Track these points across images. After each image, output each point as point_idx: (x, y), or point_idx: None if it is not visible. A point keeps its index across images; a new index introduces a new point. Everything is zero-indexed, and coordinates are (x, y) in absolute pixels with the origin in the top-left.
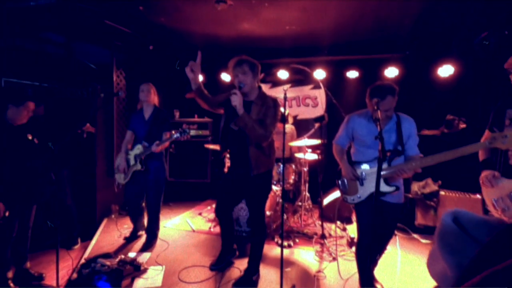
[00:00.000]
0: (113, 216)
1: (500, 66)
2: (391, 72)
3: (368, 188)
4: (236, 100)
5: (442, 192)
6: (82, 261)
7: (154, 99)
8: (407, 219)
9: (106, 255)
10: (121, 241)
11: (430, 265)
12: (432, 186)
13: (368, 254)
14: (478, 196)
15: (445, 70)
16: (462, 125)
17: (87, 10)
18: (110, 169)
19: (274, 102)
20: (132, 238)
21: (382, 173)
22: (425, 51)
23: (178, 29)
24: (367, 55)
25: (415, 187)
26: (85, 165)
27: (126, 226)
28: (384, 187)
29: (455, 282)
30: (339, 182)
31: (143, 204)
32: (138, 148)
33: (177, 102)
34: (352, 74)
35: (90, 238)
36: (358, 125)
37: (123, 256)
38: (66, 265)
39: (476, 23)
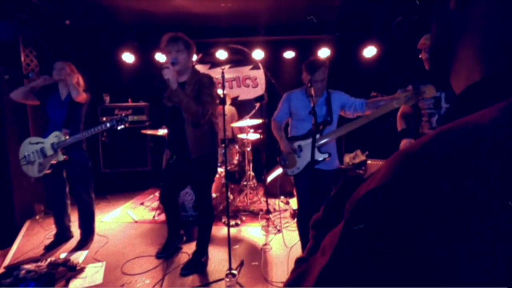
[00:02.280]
0: (37, 217)
1: (414, 46)
2: (324, 52)
3: (305, 159)
4: (169, 73)
5: (369, 161)
6: (1, 270)
7: (72, 78)
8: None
9: (32, 260)
10: (48, 243)
11: None
12: (360, 157)
13: (307, 221)
14: None
15: (369, 51)
16: None
17: None
18: None
19: (209, 79)
20: (60, 240)
21: (316, 143)
22: (352, 33)
23: (101, 2)
24: (302, 35)
25: (347, 158)
26: None
27: (54, 227)
28: (317, 155)
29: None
30: (280, 157)
31: (68, 201)
32: (56, 136)
33: (107, 85)
34: (289, 54)
35: (10, 244)
36: (295, 99)
37: (53, 258)
38: None
39: (393, 8)
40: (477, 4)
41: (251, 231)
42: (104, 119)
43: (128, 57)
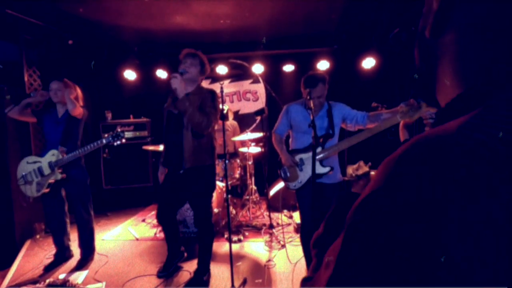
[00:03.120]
0: (38, 236)
1: (412, 57)
2: (323, 65)
3: (307, 172)
4: (176, 82)
5: (372, 172)
6: None
7: (70, 92)
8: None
9: (31, 282)
10: (47, 263)
11: None
12: (364, 168)
13: (311, 236)
14: None
15: (368, 62)
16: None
17: None
18: None
19: (212, 92)
20: (59, 259)
21: (317, 157)
22: (350, 45)
23: (102, 22)
24: (301, 49)
25: (350, 170)
26: None
27: (53, 247)
28: (320, 169)
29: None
30: (281, 171)
31: (67, 220)
32: (54, 154)
33: (109, 103)
34: (288, 67)
35: (10, 265)
36: (295, 112)
37: (51, 280)
38: None
39: (391, 20)
40: (448, 33)
41: (254, 247)
42: (106, 135)
43: (130, 75)
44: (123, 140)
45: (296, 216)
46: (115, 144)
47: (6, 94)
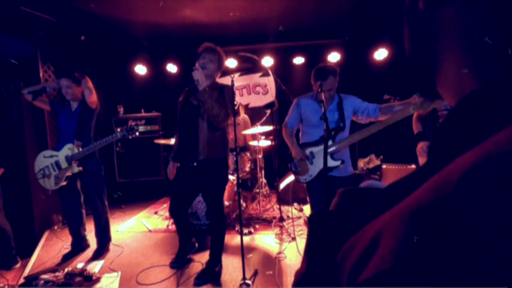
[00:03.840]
0: (55, 227)
1: None
2: (334, 57)
3: (317, 166)
4: (198, 74)
5: (384, 166)
6: (21, 280)
7: (79, 92)
8: None
9: (50, 270)
10: (65, 253)
11: None
12: (375, 161)
13: None
14: (414, 166)
15: (380, 54)
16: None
17: None
18: None
19: (227, 87)
20: (76, 249)
21: (328, 150)
22: (362, 36)
23: (113, 17)
24: (311, 41)
25: (361, 163)
26: (17, 173)
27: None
28: (330, 162)
29: None
30: (291, 164)
31: (83, 211)
32: (70, 148)
33: (120, 97)
34: (299, 60)
35: (30, 255)
36: (305, 105)
37: (70, 269)
38: None
39: (403, 9)
40: (450, 3)
41: (265, 239)
42: (119, 130)
43: (140, 69)
44: (137, 134)
45: (307, 209)
46: (130, 137)
47: (22, 89)
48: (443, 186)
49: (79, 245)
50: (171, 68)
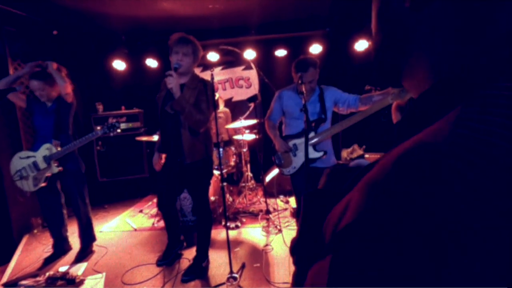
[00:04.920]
0: (35, 231)
1: None
2: (316, 48)
3: (300, 158)
4: (172, 82)
5: (366, 155)
6: None
7: (54, 92)
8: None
9: (31, 275)
10: (46, 256)
11: None
12: (358, 151)
13: None
14: None
15: (361, 45)
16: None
17: None
18: None
19: (206, 84)
20: (58, 252)
21: (310, 142)
22: (343, 27)
23: (87, 11)
24: (293, 33)
25: (344, 153)
26: None
27: (51, 240)
28: (313, 154)
29: None
30: (275, 157)
31: (64, 211)
32: (48, 148)
33: (99, 94)
34: (281, 52)
35: (8, 261)
36: (287, 98)
37: (51, 272)
38: None
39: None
40: (433, 4)
41: (252, 233)
42: (98, 128)
43: (119, 65)
44: (118, 131)
45: (292, 201)
46: (112, 134)
47: None
48: (385, 165)
49: (61, 247)
50: (151, 63)
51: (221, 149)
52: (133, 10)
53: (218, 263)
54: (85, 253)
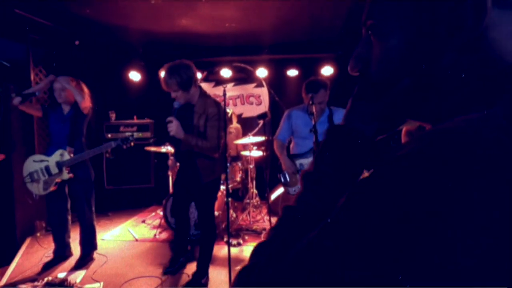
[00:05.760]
0: (38, 234)
1: None
2: (327, 70)
3: None
4: (173, 128)
5: None
6: None
7: (72, 95)
8: None
9: (29, 280)
10: (47, 261)
11: None
12: (365, 174)
13: None
14: None
15: None
16: None
17: None
18: None
19: (216, 108)
20: (59, 257)
21: None
22: (354, 50)
23: (108, 23)
24: (305, 54)
25: None
26: (0, 176)
27: (53, 245)
28: None
29: None
30: (281, 175)
31: (69, 217)
32: (62, 154)
33: (113, 103)
34: (292, 72)
35: (9, 263)
36: (296, 117)
37: (50, 278)
38: None
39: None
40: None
41: None
42: (110, 135)
43: (134, 76)
44: (132, 144)
45: None
46: (124, 147)
47: (12, 92)
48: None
49: (62, 253)
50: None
51: (228, 164)
52: (152, 25)
53: (218, 281)
54: (85, 261)
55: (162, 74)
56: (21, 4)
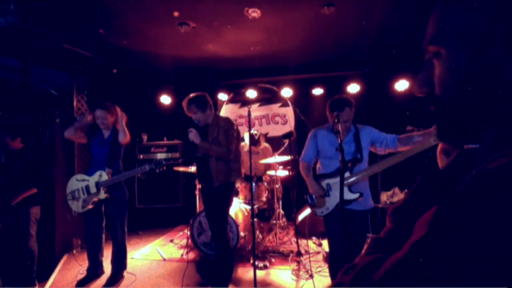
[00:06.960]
0: (74, 251)
1: None
2: (353, 88)
3: (334, 198)
4: (192, 136)
5: None
6: None
7: (111, 121)
8: (379, 228)
9: None
10: (80, 278)
11: None
12: (399, 195)
13: (340, 266)
14: None
15: (401, 85)
16: None
17: (43, 35)
18: None
19: (227, 122)
20: (92, 275)
21: (345, 181)
22: (382, 68)
23: (142, 52)
24: (330, 72)
25: (384, 197)
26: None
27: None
28: (348, 195)
29: None
30: (307, 196)
31: (103, 235)
32: (101, 175)
33: (145, 125)
34: (317, 91)
35: (48, 278)
36: (321, 136)
37: None
38: None
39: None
40: None
41: (281, 275)
42: (141, 156)
43: (165, 99)
44: (164, 168)
45: (325, 244)
46: (157, 171)
47: (56, 117)
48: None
49: (94, 271)
50: None
51: (253, 184)
52: (182, 51)
53: None
54: (115, 279)
55: (184, 103)
56: (67, 38)
